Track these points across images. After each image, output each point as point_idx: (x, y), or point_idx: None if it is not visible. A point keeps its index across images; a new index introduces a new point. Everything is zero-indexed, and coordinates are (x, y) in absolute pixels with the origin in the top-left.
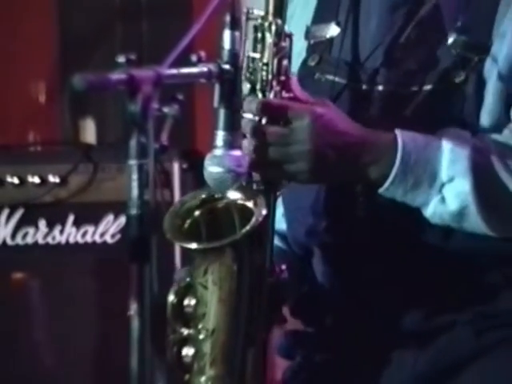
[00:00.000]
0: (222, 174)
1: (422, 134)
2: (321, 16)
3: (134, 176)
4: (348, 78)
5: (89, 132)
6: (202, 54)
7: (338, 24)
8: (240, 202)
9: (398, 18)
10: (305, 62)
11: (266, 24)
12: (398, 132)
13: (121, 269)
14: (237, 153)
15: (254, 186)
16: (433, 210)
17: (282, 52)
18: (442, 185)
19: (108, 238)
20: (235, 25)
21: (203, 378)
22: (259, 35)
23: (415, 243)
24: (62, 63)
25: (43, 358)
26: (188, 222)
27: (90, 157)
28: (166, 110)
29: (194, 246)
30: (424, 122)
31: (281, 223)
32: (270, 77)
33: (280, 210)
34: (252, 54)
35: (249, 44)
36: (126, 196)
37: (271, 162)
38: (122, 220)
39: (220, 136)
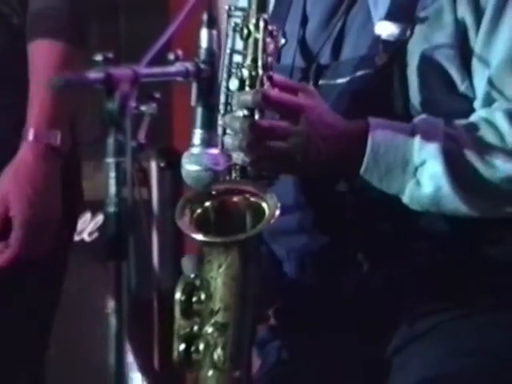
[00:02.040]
0: (199, 172)
1: (394, 122)
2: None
3: (112, 174)
4: (299, 80)
5: None
6: (180, 52)
7: (284, 35)
8: (253, 199)
9: (335, 20)
10: None
11: (253, 20)
12: (370, 121)
13: (98, 266)
14: (214, 151)
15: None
16: (410, 195)
17: (270, 47)
18: (416, 168)
19: (85, 237)
20: (212, 23)
21: (210, 371)
22: (245, 31)
23: (398, 242)
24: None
25: None
26: (198, 211)
27: None
28: (143, 108)
29: (200, 237)
30: (361, 107)
31: None
32: (260, 72)
33: None
34: (238, 50)
35: (233, 41)
36: (104, 194)
37: (271, 156)
38: (100, 218)
39: (197, 134)
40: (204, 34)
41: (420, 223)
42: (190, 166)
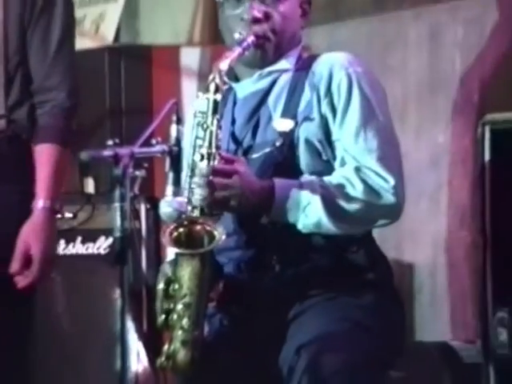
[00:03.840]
0: (171, 212)
1: (289, 180)
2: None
3: (117, 213)
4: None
5: (89, 186)
6: (159, 139)
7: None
8: (208, 228)
9: (252, 120)
10: None
11: (210, 119)
12: (275, 180)
13: (109, 269)
14: (180, 199)
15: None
16: (302, 223)
17: (219, 136)
18: (304, 207)
19: (102, 251)
20: (179, 121)
21: (179, 333)
22: (205, 125)
23: (300, 250)
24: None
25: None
26: (175, 234)
27: (91, 201)
28: (137, 172)
29: (176, 250)
30: (270, 171)
31: None
32: (213, 150)
33: None
34: (199, 136)
35: (196, 131)
36: (113, 225)
37: (219, 200)
38: (110, 239)
39: (169, 189)
40: (173, 128)
41: (310, 240)
42: (164, 209)
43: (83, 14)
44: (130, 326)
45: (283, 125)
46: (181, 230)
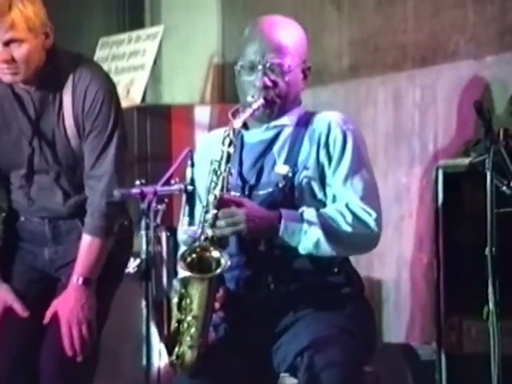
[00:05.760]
0: (186, 238)
1: (293, 211)
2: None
3: (143, 239)
4: (239, 191)
5: None
6: (177, 179)
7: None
8: (215, 255)
9: (256, 165)
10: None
11: (223, 168)
12: (282, 211)
13: (137, 284)
14: (193, 228)
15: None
16: (303, 246)
17: (229, 181)
18: (305, 231)
19: (131, 270)
20: (193, 165)
21: (188, 339)
22: (218, 172)
23: (291, 272)
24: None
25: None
26: (188, 259)
27: None
28: (159, 206)
29: (188, 273)
30: (274, 204)
31: None
32: (225, 191)
33: None
34: (213, 180)
35: (211, 176)
36: (140, 249)
37: (228, 225)
38: (138, 261)
39: (185, 219)
40: (189, 170)
41: (300, 264)
42: (181, 236)
43: (117, 80)
44: (154, 330)
45: (285, 170)
46: (193, 255)
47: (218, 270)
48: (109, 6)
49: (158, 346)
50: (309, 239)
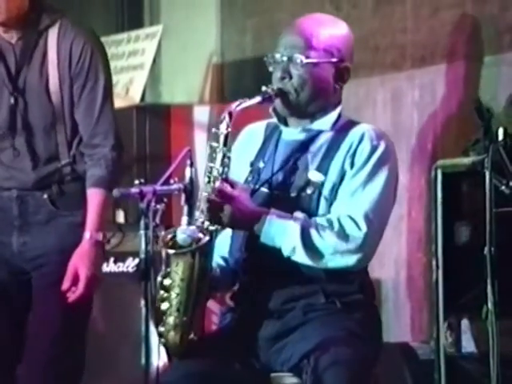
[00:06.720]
0: (185, 237)
1: (281, 212)
2: (259, 156)
3: (143, 239)
4: (267, 187)
5: (120, 217)
6: (176, 179)
7: (263, 161)
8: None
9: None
10: (246, 179)
11: (222, 151)
12: (271, 210)
13: (136, 283)
14: (192, 227)
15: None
16: (284, 248)
17: (227, 165)
18: (286, 232)
19: (130, 269)
20: (192, 165)
21: (171, 318)
22: (217, 156)
23: (278, 265)
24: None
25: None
26: (170, 243)
27: (121, 229)
28: (158, 206)
29: (172, 251)
30: (304, 211)
31: (225, 253)
32: (223, 176)
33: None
34: (210, 164)
35: (209, 160)
36: (139, 248)
37: (213, 215)
38: (136, 260)
39: (184, 219)
40: (188, 170)
41: (316, 271)
42: (180, 235)
43: (116, 80)
44: (153, 329)
45: (317, 176)
46: (173, 236)
47: (198, 244)
48: (108, 5)
49: (156, 346)
50: (287, 243)
